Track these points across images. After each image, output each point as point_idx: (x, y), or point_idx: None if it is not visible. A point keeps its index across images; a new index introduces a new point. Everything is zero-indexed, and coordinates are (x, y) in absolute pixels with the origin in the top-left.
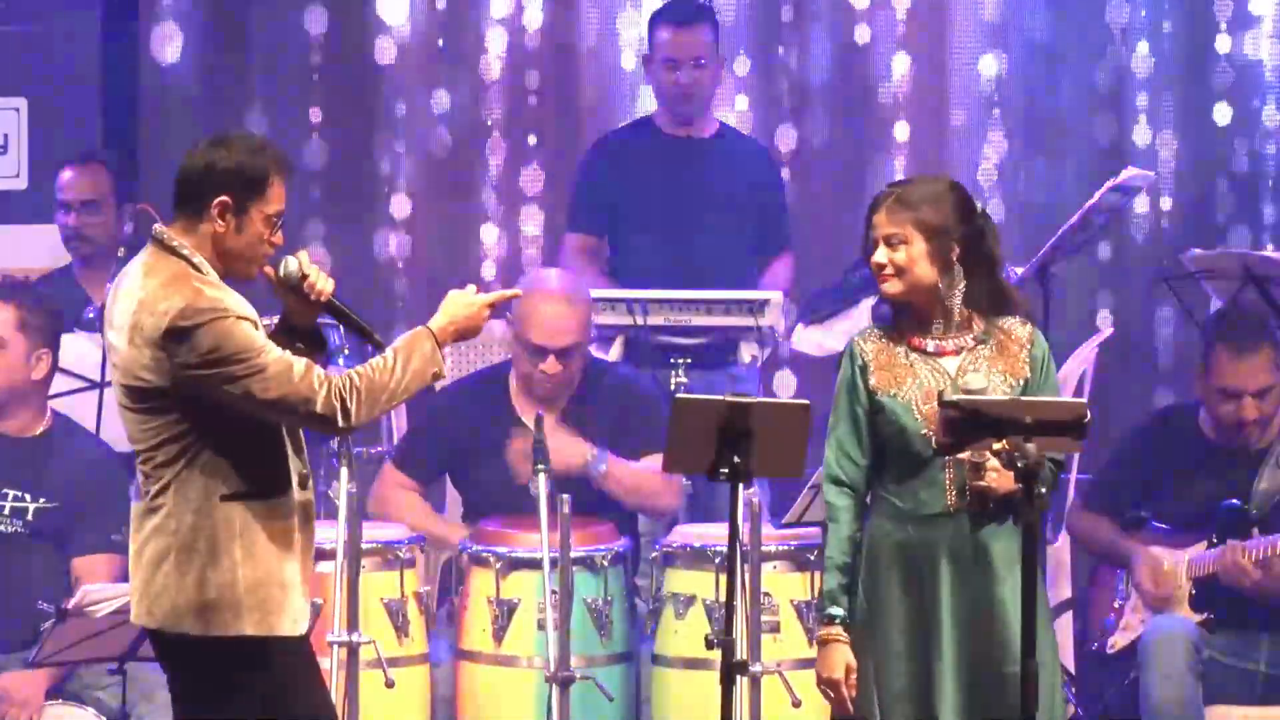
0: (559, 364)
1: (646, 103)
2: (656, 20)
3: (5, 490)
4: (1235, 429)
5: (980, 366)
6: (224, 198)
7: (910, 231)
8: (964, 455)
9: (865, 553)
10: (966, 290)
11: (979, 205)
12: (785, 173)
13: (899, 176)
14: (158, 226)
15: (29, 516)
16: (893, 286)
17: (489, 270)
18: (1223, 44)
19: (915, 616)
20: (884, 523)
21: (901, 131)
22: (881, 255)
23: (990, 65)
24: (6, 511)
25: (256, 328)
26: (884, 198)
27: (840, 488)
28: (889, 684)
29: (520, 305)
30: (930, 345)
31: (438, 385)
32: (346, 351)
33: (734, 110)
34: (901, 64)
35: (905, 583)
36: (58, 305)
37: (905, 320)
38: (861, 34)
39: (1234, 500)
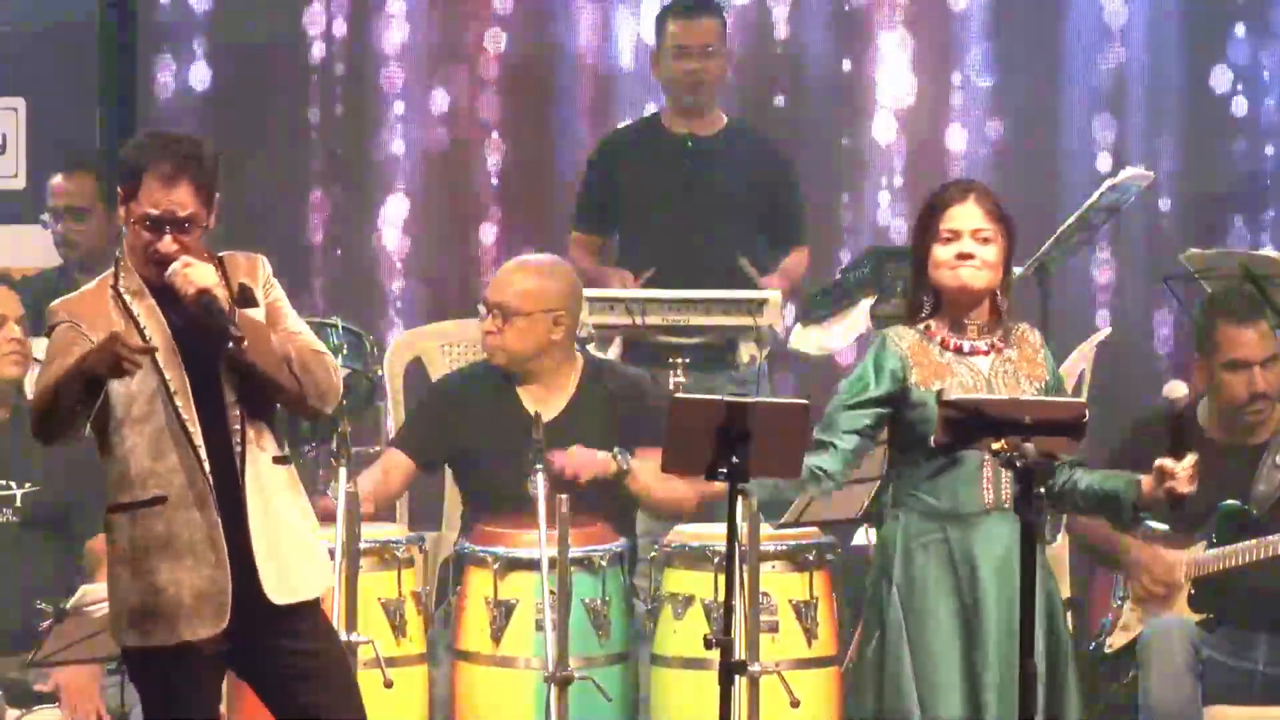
0: (494, 323)
1: (643, 103)
2: (665, 13)
3: None
4: (1245, 404)
5: (1008, 369)
6: (119, 190)
7: (996, 230)
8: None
9: (900, 552)
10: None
11: None
12: None
13: (897, 178)
14: None
15: (17, 504)
16: (979, 279)
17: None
18: (1223, 44)
19: (958, 612)
20: (920, 522)
21: (898, 131)
22: (971, 246)
23: (992, 63)
24: None
25: (80, 341)
26: (966, 191)
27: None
28: (931, 676)
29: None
30: (965, 345)
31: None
32: (345, 351)
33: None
34: (900, 64)
35: (947, 580)
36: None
37: (938, 320)
38: (860, 34)
39: (1234, 500)
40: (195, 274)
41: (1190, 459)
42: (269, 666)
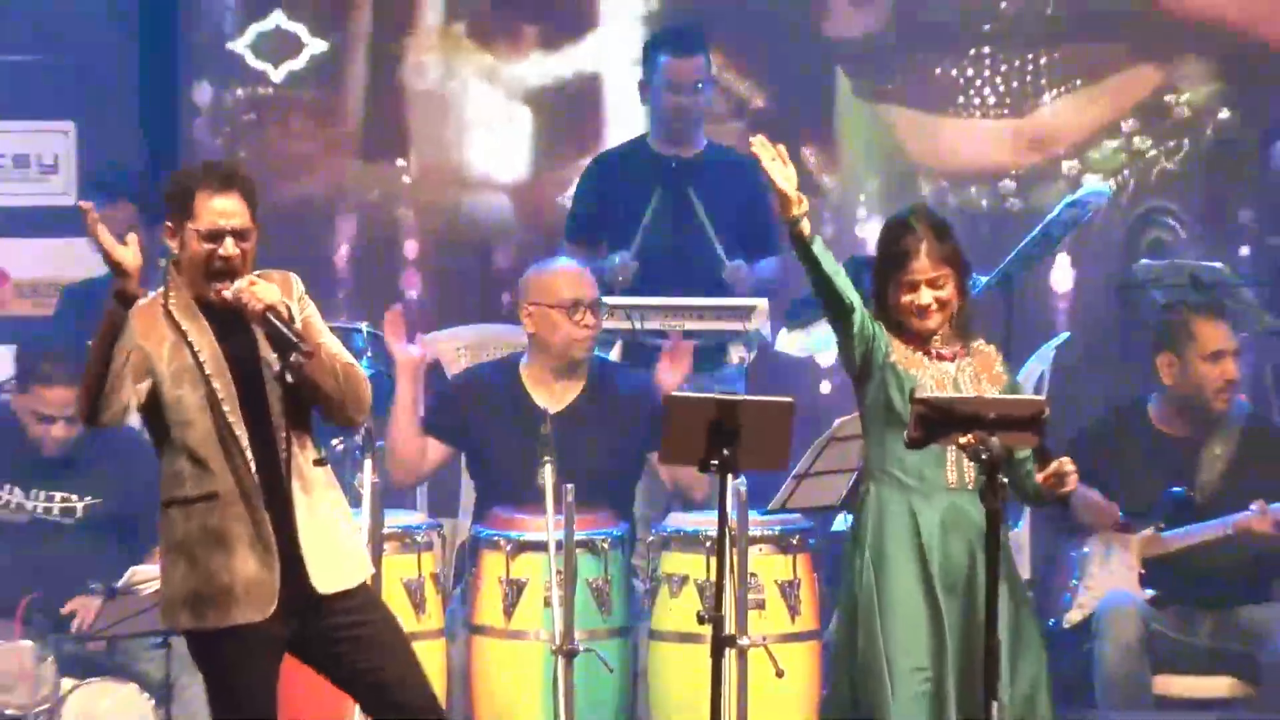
0: (594, 316)
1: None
2: (657, 48)
3: (52, 492)
4: (1219, 390)
5: (970, 371)
6: (167, 223)
7: (948, 270)
8: (1050, 469)
9: (872, 521)
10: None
11: None
12: None
13: (876, 192)
14: None
15: (79, 514)
16: (935, 322)
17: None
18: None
19: (922, 578)
20: (891, 493)
21: (877, 148)
22: (927, 296)
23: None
24: (56, 512)
25: (140, 351)
26: (918, 241)
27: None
28: (898, 634)
29: (539, 283)
30: (933, 351)
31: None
32: (369, 354)
33: (723, 127)
34: (882, 79)
35: (912, 547)
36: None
37: (907, 333)
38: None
39: (1179, 488)
40: (261, 291)
41: (1052, 466)
42: (324, 645)
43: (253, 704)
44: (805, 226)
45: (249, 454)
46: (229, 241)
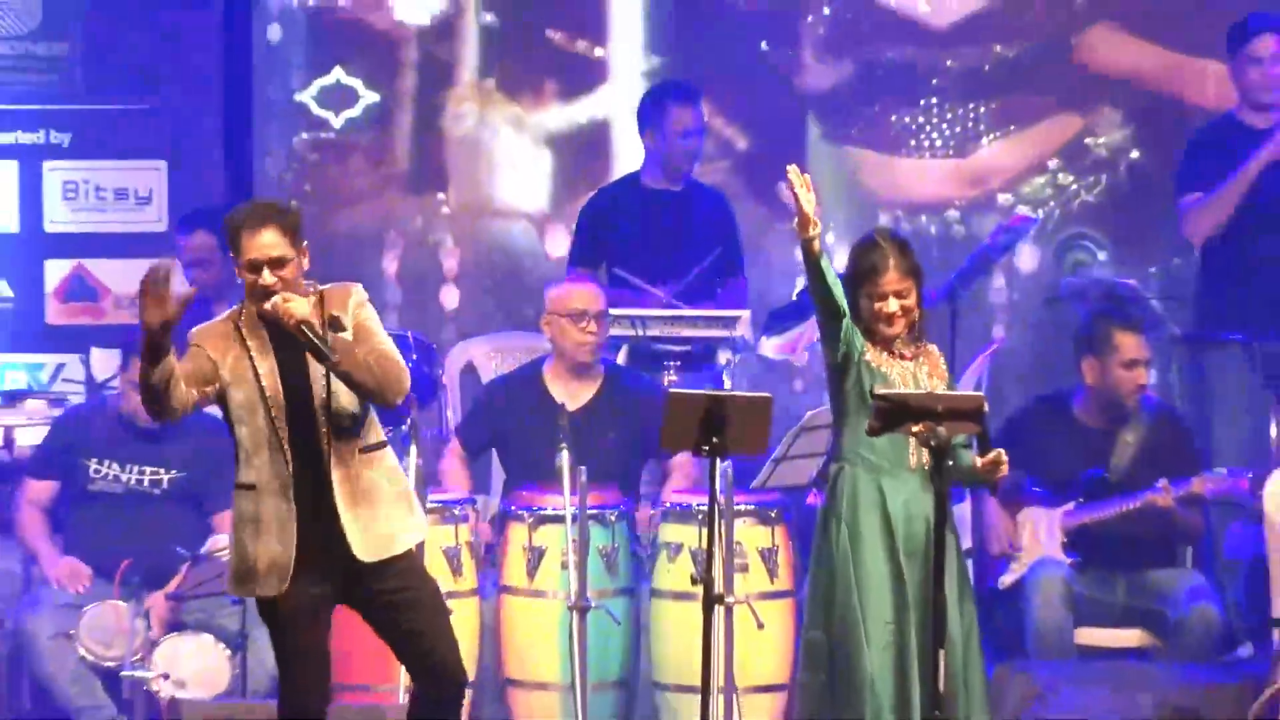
0: (598, 325)
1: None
2: (667, 98)
3: (143, 466)
4: (1131, 393)
5: (924, 371)
6: (231, 254)
7: (911, 282)
8: (989, 458)
9: (847, 496)
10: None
11: None
12: (760, 213)
13: (842, 221)
14: None
15: (164, 486)
16: (899, 327)
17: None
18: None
19: (889, 551)
20: (862, 472)
21: (842, 177)
22: (894, 306)
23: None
24: (146, 484)
25: (198, 355)
26: (885, 257)
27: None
28: (869, 593)
29: (555, 296)
30: (896, 352)
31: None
32: (414, 356)
33: (713, 165)
34: (846, 125)
35: (881, 520)
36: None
37: (874, 336)
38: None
39: (1096, 469)
40: (294, 306)
41: (991, 454)
42: (373, 606)
43: (300, 653)
44: (816, 245)
45: (288, 452)
46: (266, 271)
